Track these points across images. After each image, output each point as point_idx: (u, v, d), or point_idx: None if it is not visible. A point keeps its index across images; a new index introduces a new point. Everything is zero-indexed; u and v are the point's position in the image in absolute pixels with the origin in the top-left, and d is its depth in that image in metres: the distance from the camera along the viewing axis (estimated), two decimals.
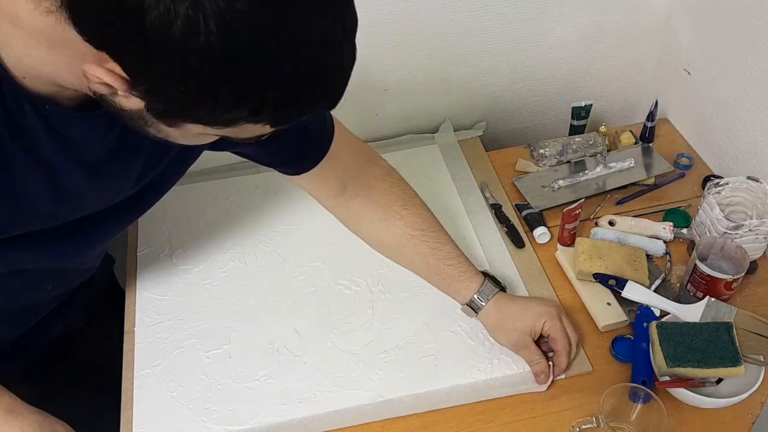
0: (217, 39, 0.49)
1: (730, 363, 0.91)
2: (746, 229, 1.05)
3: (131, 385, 0.99)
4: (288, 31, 0.51)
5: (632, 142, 1.34)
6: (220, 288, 1.12)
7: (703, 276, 1.01)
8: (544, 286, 1.10)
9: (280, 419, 0.95)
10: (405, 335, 1.04)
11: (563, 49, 1.38)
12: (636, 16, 1.36)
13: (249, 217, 1.23)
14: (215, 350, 1.03)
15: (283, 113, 0.58)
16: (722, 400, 0.91)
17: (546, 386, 0.97)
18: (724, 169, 1.28)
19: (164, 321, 1.07)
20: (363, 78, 1.32)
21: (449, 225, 1.19)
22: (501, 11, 1.28)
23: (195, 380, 0.99)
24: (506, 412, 0.96)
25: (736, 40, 1.18)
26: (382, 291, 1.11)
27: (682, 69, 1.35)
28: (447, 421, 0.95)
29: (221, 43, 0.49)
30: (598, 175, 1.27)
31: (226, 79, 0.52)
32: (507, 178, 1.30)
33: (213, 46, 0.49)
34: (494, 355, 1.01)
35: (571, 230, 1.14)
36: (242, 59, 0.51)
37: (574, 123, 1.38)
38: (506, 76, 1.40)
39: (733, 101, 1.22)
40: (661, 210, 1.23)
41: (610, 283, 1.06)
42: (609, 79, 1.47)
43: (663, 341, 0.93)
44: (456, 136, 1.40)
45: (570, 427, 0.92)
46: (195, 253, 1.17)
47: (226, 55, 0.50)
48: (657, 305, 1.02)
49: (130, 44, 0.51)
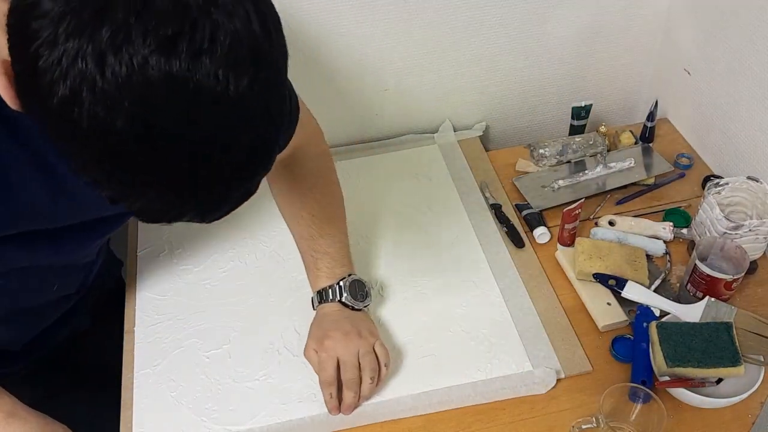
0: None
1: (730, 363, 0.91)
2: (746, 229, 1.05)
3: (131, 385, 0.99)
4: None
5: (632, 142, 1.34)
6: (220, 288, 1.12)
7: (703, 276, 1.01)
8: (544, 286, 1.10)
9: (279, 419, 0.95)
10: (405, 335, 1.04)
11: (563, 49, 1.38)
12: (636, 16, 1.36)
13: (249, 217, 1.23)
14: (215, 350, 1.03)
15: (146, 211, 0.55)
16: (722, 400, 0.91)
17: (545, 388, 0.97)
18: (724, 169, 1.28)
19: (164, 321, 1.07)
20: (363, 78, 1.33)
21: (449, 225, 1.20)
22: (501, 11, 1.28)
23: (195, 380, 0.99)
24: (506, 412, 0.96)
25: (736, 40, 1.18)
26: (381, 291, 1.11)
27: (682, 69, 1.35)
28: (447, 421, 0.95)
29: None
30: (598, 175, 1.27)
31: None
32: (507, 178, 1.30)
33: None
34: (494, 355, 1.01)
35: (571, 230, 1.14)
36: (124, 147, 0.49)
37: (574, 123, 1.38)
38: (506, 76, 1.40)
39: (733, 101, 1.22)
40: (661, 210, 1.23)
41: (610, 283, 1.06)
42: (609, 79, 1.47)
43: (663, 341, 0.93)
44: (456, 136, 1.40)
45: (570, 427, 0.92)
46: (195, 253, 1.17)
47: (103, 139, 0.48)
48: (657, 305, 1.02)
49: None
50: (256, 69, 0.50)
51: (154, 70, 0.46)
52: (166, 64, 0.46)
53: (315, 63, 1.27)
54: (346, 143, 1.40)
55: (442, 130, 1.41)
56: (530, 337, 1.03)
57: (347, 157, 1.35)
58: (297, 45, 1.23)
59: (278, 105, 0.54)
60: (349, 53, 1.27)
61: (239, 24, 0.49)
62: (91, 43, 0.45)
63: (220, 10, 0.48)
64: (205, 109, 0.48)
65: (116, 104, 0.46)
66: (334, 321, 0.98)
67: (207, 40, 0.47)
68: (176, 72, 0.46)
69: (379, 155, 1.37)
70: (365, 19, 1.23)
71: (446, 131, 1.41)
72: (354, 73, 1.31)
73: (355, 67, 1.30)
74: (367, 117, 1.39)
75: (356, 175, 1.31)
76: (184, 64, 0.46)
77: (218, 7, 0.48)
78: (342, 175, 1.30)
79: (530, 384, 0.97)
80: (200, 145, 0.50)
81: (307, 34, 1.22)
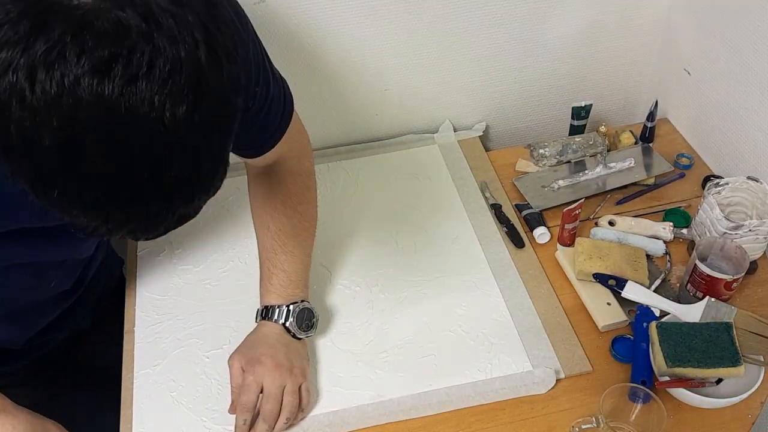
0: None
1: (730, 363, 0.91)
2: (746, 229, 1.05)
3: (131, 385, 0.99)
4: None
5: (632, 142, 1.34)
6: (220, 288, 1.12)
7: (703, 276, 1.01)
8: (544, 286, 1.10)
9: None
10: (405, 335, 1.04)
11: (563, 49, 1.38)
12: (636, 16, 1.36)
13: (249, 217, 1.23)
14: (215, 350, 1.03)
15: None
16: (722, 400, 0.91)
17: (545, 388, 0.97)
18: (724, 169, 1.28)
19: (164, 321, 1.07)
20: (363, 78, 1.33)
21: (449, 225, 1.20)
22: (501, 11, 1.28)
23: (195, 380, 0.99)
24: (506, 412, 0.96)
25: (736, 40, 1.18)
26: (381, 291, 1.11)
27: (682, 69, 1.35)
28: (447, 421, 0.95)
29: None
30: (598, 175, 1.27)
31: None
32: (507, 178, 1.30)
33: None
34: (494, 355, 1.01)
35: (571, 230, 1.14)
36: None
37: (574, 123, 1.38)
38: (506, 76, 1.40)
39: (733, 101, 1.22)
40: (661, 210, 1.23)
41: (610, 283, 1.06)
42: (609, 79, 1.47)
43: (663, 341, 0.93)
44: (456, 136, 1.40)
45: (570, 427, 0.92)
46: (195, 253, 1.17)
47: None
48: (657, 305, 1.02)
49: None
50: (196, 98, 0.48)
51: (84, 92, 0.45)
52: (98, 86, 0.45)
53: (315, 63, 1.27)
54: (346, 143, 1.40)
55: (442, 130, 1.41)
56: (530, 337, 1.03)
57: (347, 157, 1.35)
58: (296, 45, 1.23)
59: (221, 137, 0.53)
60: (349, 53, 1.27)
61: (183, 51, 0.47)
62: (24, 56, 0.45)
63: (163, 36, 0.47)
64: (135, 136, 0.47)
65: (44, 121, 0.46)
66: (270, 346, 0.94)
67: (145, 65, 0.46)
68: (108, 95, 0.46)
69: (379, 155, 1.37)
70: (365, 20, 1.23)
71: (446, 131, 1.41)
72: (354, 73, 1.30)
73: (355, 68, 1.30)
74: (367, 117, 1.39)
75: (356, 175, 1.31)
76: (117, 87, 0.46)
77: (161, 33, 0.47)
78: (342, 175, 1.31)
79: (530, 384, 0.97)
80: (126, 173, 0.49)
81: (307, 34, 1.22)
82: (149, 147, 0.48)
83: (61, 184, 0.49)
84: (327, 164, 1.32)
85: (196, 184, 0.53)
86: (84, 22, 0.45)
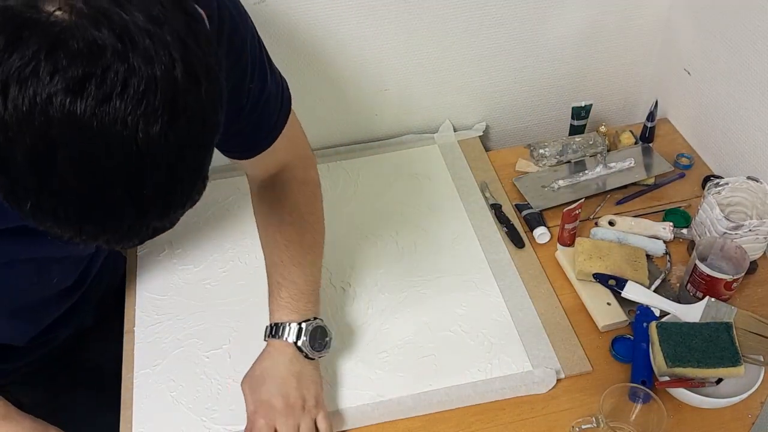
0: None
1: (730, 363, 0.91)
2: (746, 229, 1.05)
3: (131, 385, 0.99)
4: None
5: (632, 142, 1.34)
6: (220, 288, 1.12)
7: (703, 276, 1.01)
8: (544, 286, 1.10)
9: None
10: (405, 335, 1.04)
11: (563, 49, 1.38)
12: (636, 16, 1.36)
13: (249, 217, 1.22)
14: (215, 350, 1.03)
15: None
16: (722, 400, 0.91)
17: (545, 388, 0.97)
18: (724, 169, 1.28)
19: (164, 321, 1.07)
20: (363, 78, 1.33)
21: (449, 225, 1.20)
22: (501, 11, 1.28)
23: (195, 380, 0.99)
24: (506, 412, 0.96)
25: (736, 40, 1.18)
26: (381, 291, 1.11)
27: (682, 69, 1.35)
28: (447, 421, 0.95)
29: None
30: (598, 175, 1.27)
31: None
32: (507, 178, 1.30)
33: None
34: (494, 355, 1.01)
35: (571, 230, 1.14)
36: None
37: (574, 123, 1.38)
38: (506, 76, 1.40)
39: (733, 101, 1.22)
40: (661, 210, 1.23)
41: (610, 283, 1.06)
42: (609, 79, 1.47)
43: (663, 341, 0.93)
44: (456, 136, 1.40)
45: (570, 427, 0.92)
46: (195, 253, 1.17)
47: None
48: (657, 305, 1.02)
49: None
50: (171, 117, 0.48)
51: (56, 111, 0.45)
52: (71, 105, 0.45)
53: (315, 63, 1.27)
54: (346, 143, 1.40)
55: (442, 130, 1.41)
56: (530, 337, 1.03)
57: (347, 157, 1.35)
58: (296, 46, 1.23)
59: (198, 153, 0.53)
60: (349, 53, 1.27)
61: (159, 71, 0.47)
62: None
63: (139, 55, 0.47)
64: (108, 155, 0.47)
65: (16, 138, 0.46)
66: (281, 382, 0.90)
67: (119, 85, 0.46)
68: (80, 114, 0.45)
69: (379, 155, 1.37)
70: (365, 20, 1.23)
71: (446, 131, 1.41)
72: (354, 73, 1.30)
73: (355, 68, 1.30)
74: (366, 117, 1.39)
75: (356, 175, 1.31)
76: (89, 107, 0.45)
77: (137, 52, 0.47)
78: (342, 175, 1.31)
79: (530, 384, 0.97)
80: (99, 191, 0.49)
81: (307, 34, 1.22)
82: (123, 165, 0.48)
83: (35, 198, 0.49)
84: (327, 164, 1.32)
85: (172, 200, 0.53)
86: (59, 40, 0.45)
